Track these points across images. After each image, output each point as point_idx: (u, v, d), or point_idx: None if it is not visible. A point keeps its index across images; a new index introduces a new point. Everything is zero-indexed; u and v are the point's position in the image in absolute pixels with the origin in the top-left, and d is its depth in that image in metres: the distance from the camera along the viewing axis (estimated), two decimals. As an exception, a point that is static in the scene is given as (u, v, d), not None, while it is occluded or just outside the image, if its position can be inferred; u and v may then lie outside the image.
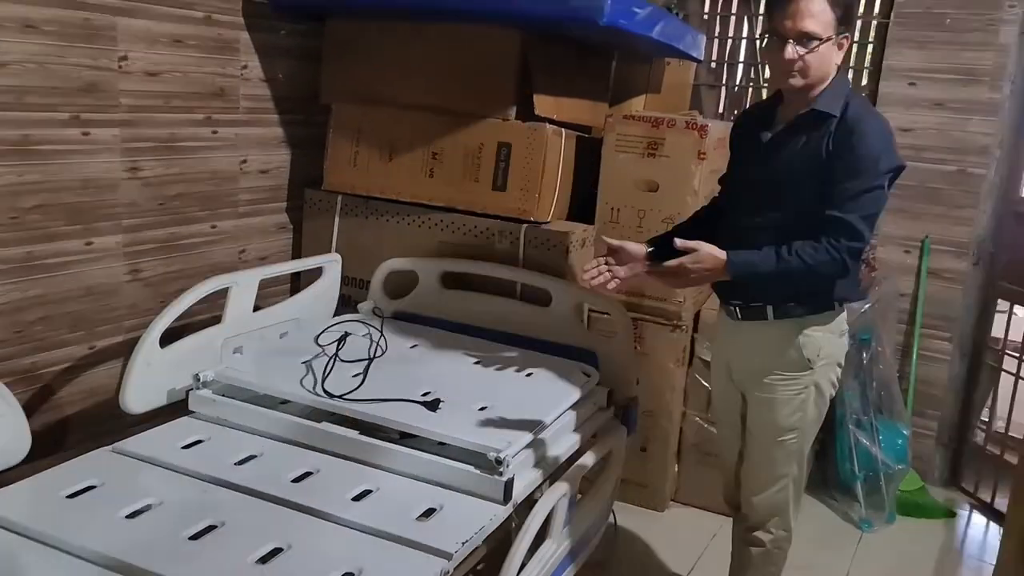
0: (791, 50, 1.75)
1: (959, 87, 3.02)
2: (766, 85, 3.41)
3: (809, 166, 1.80)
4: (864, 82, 3.30)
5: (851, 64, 3.33)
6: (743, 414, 2.05)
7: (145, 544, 1.37)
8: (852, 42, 1.76)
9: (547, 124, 2.49)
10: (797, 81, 1.79)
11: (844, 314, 1.94)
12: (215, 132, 2.43)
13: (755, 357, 1.95)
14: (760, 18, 3.37)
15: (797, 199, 1.82)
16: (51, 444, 2.05)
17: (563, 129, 2.56)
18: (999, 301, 3.18)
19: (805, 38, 1.75)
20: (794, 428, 1.94)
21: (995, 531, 2.97)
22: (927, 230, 3.13)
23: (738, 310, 1.96)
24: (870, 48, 3.28)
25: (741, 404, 2.05)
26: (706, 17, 3.49)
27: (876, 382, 3.00)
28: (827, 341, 1.90)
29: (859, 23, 3.26)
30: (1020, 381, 3.06)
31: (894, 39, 3.13)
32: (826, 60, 1.78)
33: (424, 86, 2.57)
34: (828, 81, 1.81)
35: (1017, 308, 3.13)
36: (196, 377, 1.90)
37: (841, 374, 1.99)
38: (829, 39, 1.76)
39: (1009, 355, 3.15)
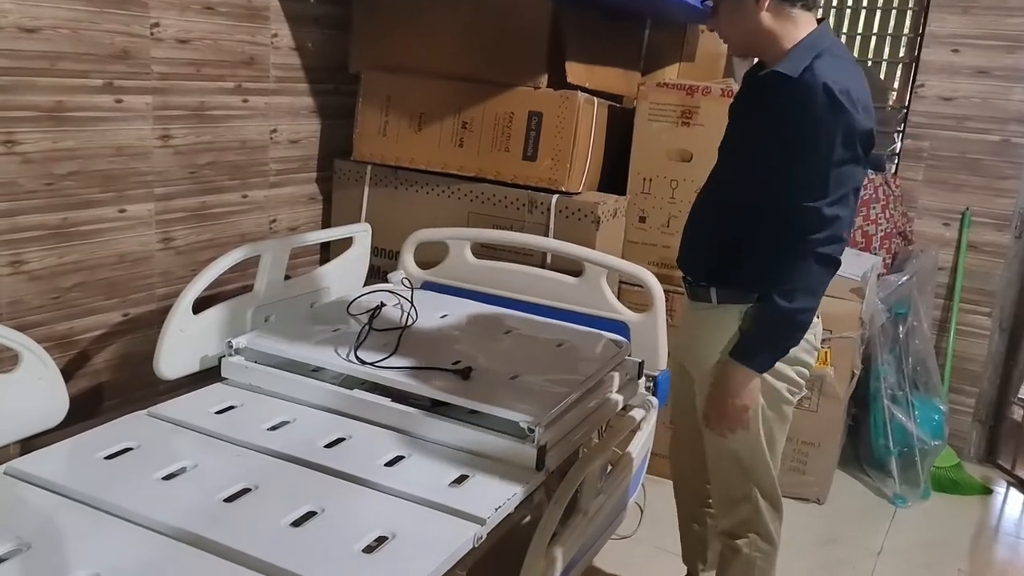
0: (709, 21, 1.67)
1: (1003, 54, 2.93)
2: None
3: (755, 135, 1.60)
4: (903, 51, 3.21)
5: (890, 31, 3.24)
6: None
7: (181, 505, 1.38)
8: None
9: (579, 92, 2.45)
10: (731, 49, 1.72)
11: None
12: (245, 101, 2.43)
13: (698, 345, 1.75)
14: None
15: (739, 169, 1.66)
16: (87, 409, 2.08)
17: (595, 98, 2.52)
18: (1041, 275, 3.11)
19: (709, 5, 1.65)
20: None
21: (1032, 509, 2.93)
22: (967, 202, 3.05)
23: (687, 287, 1.78)
24: (910, 14, 3.19)
25: (695, 398, 1.82)
26: (741, -16, 3.42)
27: (912, 357, 2.95)
28: None
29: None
30: (1061, 357, 3.00)
31: (937, 4, 3.04)
32: (736, 18, 1.58)
33: (454, 54, 2.54)
34: (792, 39, 1.54)
35: (1059, 283, 3.05)
36: (228, 344, 1.90)
37: (808, 374, 1.72)
38: None
39: (1050, 331, 3.08)
